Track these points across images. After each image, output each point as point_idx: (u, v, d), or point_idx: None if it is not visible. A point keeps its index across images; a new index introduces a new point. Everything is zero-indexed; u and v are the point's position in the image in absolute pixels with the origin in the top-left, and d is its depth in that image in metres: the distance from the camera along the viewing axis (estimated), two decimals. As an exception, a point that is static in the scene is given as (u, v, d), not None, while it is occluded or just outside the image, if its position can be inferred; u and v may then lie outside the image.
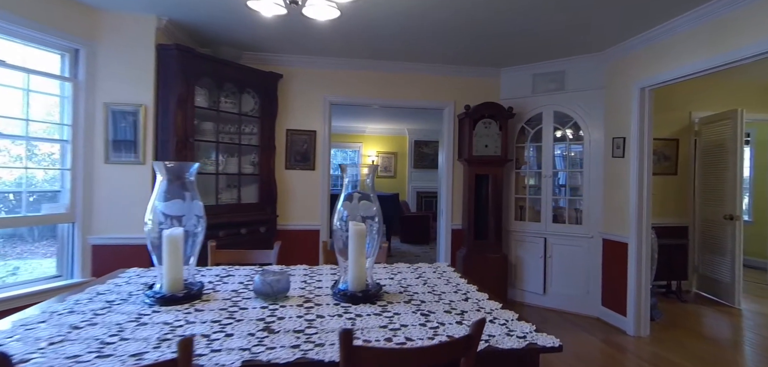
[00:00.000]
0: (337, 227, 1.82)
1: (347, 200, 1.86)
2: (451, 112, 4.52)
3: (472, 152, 4.19)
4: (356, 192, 1.91)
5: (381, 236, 1.92)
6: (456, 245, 4.53)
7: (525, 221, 4.40)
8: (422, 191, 10.14)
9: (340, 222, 1.83)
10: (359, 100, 4.37)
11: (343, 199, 1.86)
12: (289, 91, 4.23)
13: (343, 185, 1.87)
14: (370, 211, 1.92)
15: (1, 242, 3.17)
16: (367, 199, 1.91)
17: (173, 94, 3.19)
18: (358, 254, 1.80)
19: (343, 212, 1.83)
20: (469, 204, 4.26)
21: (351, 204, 1.88)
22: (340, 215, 1.82)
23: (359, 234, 1.80)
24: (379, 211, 1.92)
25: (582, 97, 4.01)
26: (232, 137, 3.86)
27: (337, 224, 1.82)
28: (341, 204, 1.84)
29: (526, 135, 4.43)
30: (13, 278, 3.14)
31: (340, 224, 1.82)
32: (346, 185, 1.87)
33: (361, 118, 8.68)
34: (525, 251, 4.38)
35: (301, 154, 4.25)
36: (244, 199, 3.98)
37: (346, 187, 1.87)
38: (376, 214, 1.91)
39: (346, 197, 1.87)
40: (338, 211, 1.83)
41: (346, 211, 1.84)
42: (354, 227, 1.79)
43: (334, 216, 1.84)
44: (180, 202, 1.85)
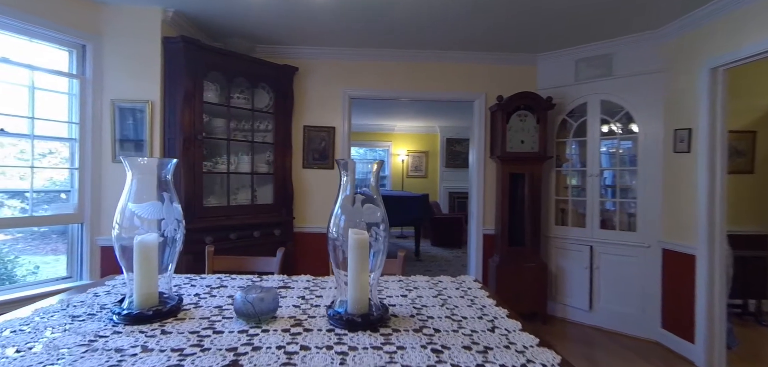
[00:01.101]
0: (332, 235, 1.51)
1: (346, 203, 1.55)
2: (482, 104, 4.10)
3: (505, 149, 3.76)
4: (359, 193, 1.59)
5: (387, 246, 1.59)
6: (488, 251, 4.10)
7: (567, 226, 3.91)
8: (455, 192, 9.68)
9: (337, 229, 1.51)
10: (381, 93, 4.06)
11: (341, 201, 1.54)
12: (306, 86, 3.99)
13: (340, 185, 1.56)
14: (374, 216, 1.60)
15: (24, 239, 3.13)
16: (371, 202, 1.60)
17: (180, 90, 3.02)
18: (358, 269, 1.48)
19: (340, 216, 1.52)
20: (503, 207, 3.82)
21: (352, 208, 1.57)
22: (336, 219, 1.51)
23: (360, 245, 1.48)
24: (384, 216, 1.60)
25: (634, 83, 3.47)
26: (246, 135, 3.67)
27: (333, 231, 1.50)
28: (339, 206, 1.53)
29: (568, 129, 3.94)
30: (33, 278, 3.10)
31: (336, 232, 1.51)
32: (344, 185, 1.56)
33: (389, 115, 8.37)
34: (567, 260, 3.88)
35: (319, 152, 3.99)
36: (258, 200, 3.78)
37: (344, 187, 1.55)
38: (381, 220, 1.59)
39: (345, 199, 1.55)
40: (334, 215, 1.52)
41: (345, 215, 1.53)
42: (354, 236, 1.47)
43: (330, 221, 1.53)
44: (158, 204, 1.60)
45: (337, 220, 1.51)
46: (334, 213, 1.52)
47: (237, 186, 3.74)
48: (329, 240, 1.50)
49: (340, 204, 1.53)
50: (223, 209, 3.34)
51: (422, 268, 6.07)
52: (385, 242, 1.58)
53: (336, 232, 1.50)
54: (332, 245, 1.50)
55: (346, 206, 1.56)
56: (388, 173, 9.97)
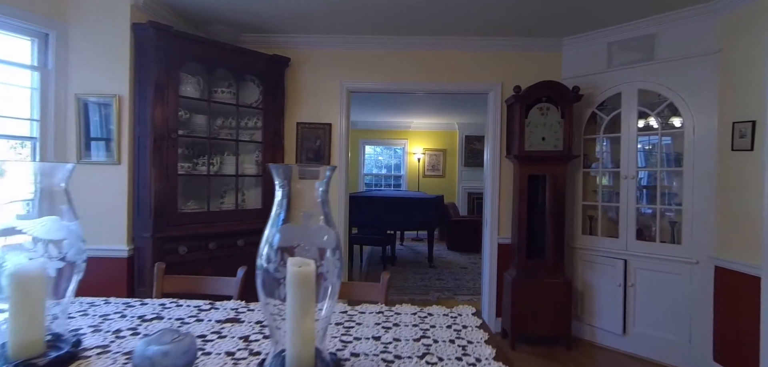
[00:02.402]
0: (262, 267, 1.11)
1: (285, 222, 1.16)
2: (498, 96, 3.61)
3: (523, 147, 3.26)
4: (305, 212, 1.20)
5: (340, 278, 1.20)
6: (503, 263, 3.62)
7: (596, 236, 3.37)
8: (474, 193, 9.15)
9: (270, 258, 1.12)
10: (383, 85, 3.64)
11: (278, 219, 1.15)
12: (299, 78, 3.62)
13: (276, 201, 1.16)
14: (324, 238, 1.20)
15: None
16: (321, 218, 1.21)
17: (150, 82, 2.70)
18: (300, 313, 1.08)
19: (275, 238, 1.13)
20: (520, 213, 3.33)
21: (292, 228, 1.17)
22: (268, 242, 1.12)
23: (302, 280, 1.08)
24: (338, 240, 1.20)
25: (681, 68, 2.91)
26: (231, 133, 3.33)
27: (264, 261, 1.11)
28: (275, 225, 1.14)
29: (598, 123, 3.40)
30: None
31: (268, 259, 1.12)
32: (280, 201, 1.16)
33: (403, 112, 7.94)
34: (597, 276, 3.35)
35: (314, 152, 3.62)
36: (246, 204, 3.45)
37: (281, 202, 1.16)
38: (334, 244, 1.19)
39: (284, 217, 1.16)
40: (266, 238, 1.13)
41: (282, 238, 1.13)
42: (294, 269, 1.08)
43: (261, 246, 1.14)
44: (56, 220, 1.26)
45: (268, 242, 1.12)
46: (264, 236, 1.13)
47: (224, 189, 3.42)
48: (258, 271, 1.11)
49: (272, 222, 1.13)
50: (201, 215, 3.02)
51: (434, 276, 5.61)
52: (338, 275, 1.18)
53: (268, 260, 1.11)
54: (262, 278, 1.10)
55: (287, 227, 1.17)
56: (404, 173, 9.54)
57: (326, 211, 1.18)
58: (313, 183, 1.19)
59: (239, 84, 3.28)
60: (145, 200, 2.73)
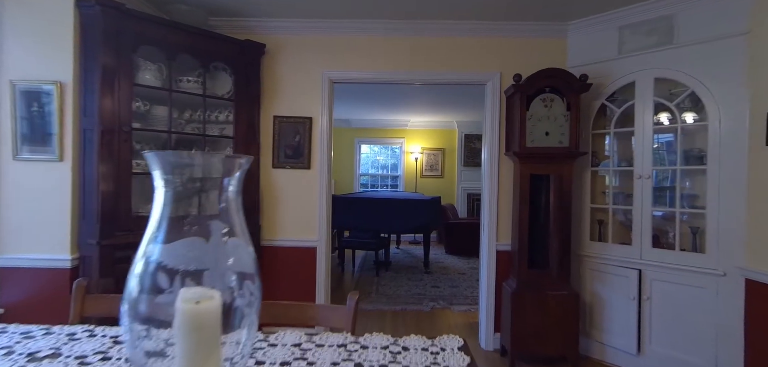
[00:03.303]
0: (131, 295, 0.77)
1: (170, 232, 0.81)
2: (496, 87, 3.26)
3: (524, 143, 2.91)
4: (207, 217, 0.87)
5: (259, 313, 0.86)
6: (502, 273, 3.26)
7: (606, 243, 3.01)
8: (474, 193, 8.79)
9: (145, 287, 0.78)
10: (369, 75, 3.29)
11: (161, 228, 0.81)
12: (276, 67, 3.28)
13: (158, 204, 0.81)
14: (243, 260, 0.87)
15: None
16: (231, 231, 0.87)
17: (97, 67, 2.37)
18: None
19: (154, 257, 0.78)
20: (521, 216, 2.98)
21: (190, 246, 0.84)
22: (145, 264, 0.78)
23: (196, 324, 0.74)
24: (256, 263, 0.86)
25: (704, 52, 2.55)
26: (199, 127, 3.00)
27: (134, 292, 0.77)
28: (154, 240, 0.80)
29: (609, 117, 3.05)
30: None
31: (141, 291, 0.77)
32: (169, 199, 0.81)
33: (400, 109, 7.59)
34: (607, 287, 2.99)
35: (293, 148, 3.28)
36: (215, 206, 3.10)
37: (168, 202, 0.81)
38: (253, 269, 0.86)
39: (169, 226, 0.81)
40: (143, 254, 0.79)
41: (169, 259, 0.79)
42: (189, 309, 0.74)
43: (133, 266, 0.79)
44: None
45: (145, 264, 0.78)
46: (137, 255, 0.78)
47: (193, 189, 3.07)
48: (125, 308, 0.77)
49: (153, 233, 0.79)
50: (161, 218, 2.67)
51: (430, 283, 5.26)
52: (257, 309, 0.85)
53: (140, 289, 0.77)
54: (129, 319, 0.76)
55: (182, 244, 0.83)
56: (401, 173, 9.19)
57: (236, 220, 0.84)
58: (218, 180, 0.85)
59: (208, 73, 2.95)
60: (91, 202, 2.39)
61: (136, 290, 0.75)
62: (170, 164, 0.79)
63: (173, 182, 0.79)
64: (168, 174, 0.79)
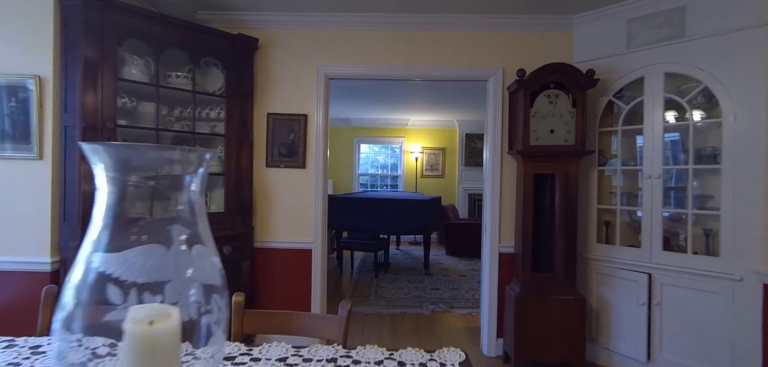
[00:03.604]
0: (69, 311, 0.64)
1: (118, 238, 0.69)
2: (499, 83, 3.14)
3: (528, 141, 2.79)
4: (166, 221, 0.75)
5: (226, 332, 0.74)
6: (505, 276, 3.14)
7: (614, 245, 2.89)
8: (475, 193, 8.67)
9: (84, 299, 0.66)
10: (366, 71, 3.17)
11: (106, 233, 0.68)
12: (270, 63, 3.16)
13: (101, 207, 0.69)
14: (209, 271, 0.75)
15: None
16: (194, 236, 0.75)
17: (79, 61, 2.25)
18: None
19: (96, 267, 0.66)
20: (525, 218, 2.85)
21: (141, 254, 0.72)
22: (84, 274, 0.66)
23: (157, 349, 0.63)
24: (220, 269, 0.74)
25: (718, 46, 2.42)
26: (187, 124, 2.88)
27: (70, 309, 0.64)
28: (97, 247, 0.67)
29: (616, 114, 2.92)
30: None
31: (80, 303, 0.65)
32: (116, 200, 0.69)
33: (400, 108, 7.47)
34: (615, 291, 2.87)
35: (287, 147, 3.15)
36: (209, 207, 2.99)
37: (115, 203, 0.69)
38: (221, 281, 0.74)
39: (117, 230, 0.69)
40: (83, 261, 0.66)
41: (117, 266, 0.68)
42: (140, 332, 0.63)
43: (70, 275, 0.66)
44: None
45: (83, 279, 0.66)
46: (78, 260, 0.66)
47: (183, 189, 2.96)
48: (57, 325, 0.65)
49: (94, 244, 0.67)
50: (148, 220, 2.55)
51: (430, 285, 5.13)
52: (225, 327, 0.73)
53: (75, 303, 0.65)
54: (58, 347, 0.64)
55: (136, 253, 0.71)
56: (401, 173, 9.06)
57: (200, 224, 0.72)
58: (179, 178, 0.73)
59: (198, 68, 2.83)
60: (73, 203, 2.27)
61: (71, 304, 0.63)
62: (118, 159, 0.67)
63: (121, 180, 0.67)
64: (115, 171, 0.67)
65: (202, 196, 0.74)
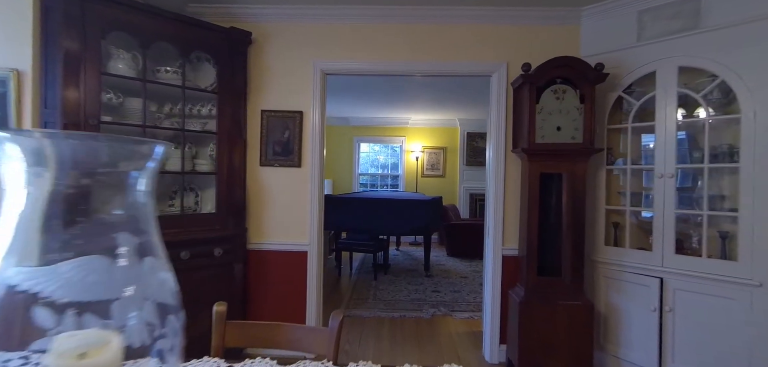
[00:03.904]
0: None
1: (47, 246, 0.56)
2: (503, 78, 3.01)
3: (534, 138, 2.66)
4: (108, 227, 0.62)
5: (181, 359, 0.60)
6: (509, 280, 3.01)
7: (623, 248, 2.76)
8: (476, 193, 8.54)
9: None
10: (364, 66, 3.05)
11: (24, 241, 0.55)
12: (264, 58, 3.03)
13: (19, 201, 0.56)
14: (159, 286, 0.62)
15: None
16: (145, 245, 0.62)
17: (59, 54, 2.13)
18: None
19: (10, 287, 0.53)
20: (530, 219, 2.73)
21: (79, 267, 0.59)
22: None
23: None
24: (173, 285, 0.61)
25: (736, 37, 2.29)
26: (178, 121, 2.76)
27: None
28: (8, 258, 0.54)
29: (626, 110, 2.79)
30: None
31: None
32: (37, 200, 0.56)
33: (401, 107, 7.34)
34: (624, 296, 2.74)
35: (282, 145, 3.03)
36: (201, 207, 2.88)
37: (34, 203, 0.56)
38: (176, 299, 0.61)
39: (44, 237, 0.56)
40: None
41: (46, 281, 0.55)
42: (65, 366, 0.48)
43: None
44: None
45: None
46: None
47: (174, 189, 2.86)
48: None
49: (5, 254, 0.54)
50: (134, 221, 2.43)
51: (431, 287, 5.01)
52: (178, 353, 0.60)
53: None
54: None
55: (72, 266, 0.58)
56: (401, 172, 8.94)
57: (151, 230, 0.60)
58: (123, 175, 0.60)
59: (189, 63, 2.71)
60: (53, 204, 2.15)
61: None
62: (37, 150, 0.54)
63: (42, 176, 0.54)
64: (39, 165, 0.55)
65: (152, 197, 0.62)
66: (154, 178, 0.61)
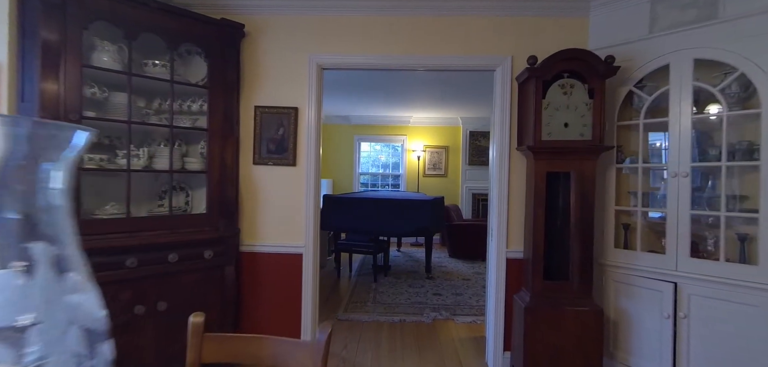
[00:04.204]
0: None
1: None
2: (507, 72, 2.87)
3: (540, 136, 2.52)
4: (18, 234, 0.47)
5: None
6: (514, 283, 2.88)
7: (634, 250, 2.62)
8: (479, 193, 8.40)
9: None
10: (362, 60, 2.92)
11: None
12: (258, 51, 2.91)
13: None
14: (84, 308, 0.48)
15: None
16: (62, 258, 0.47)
17: (37, 45, 2.01)
18: None
19: None
20: (536, 220, 2.59)
21: None
22: None
23: None
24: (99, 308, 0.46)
25: (757, 26, 2.15)
26: (165, 117, 2.64)
27: None
28: None
29: (637, 105, 2.65)
30: None
31: None
32: None
33: (402, 105, 7.22)
34: (635, 302, 2.60)
35: (276, 142, 2.91)
36: (192, 207, 2.77)
37: None
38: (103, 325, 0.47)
39: None
40: None
41: None
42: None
43: None
44: None
45: None
46: None
47: (164, 188, 2.74)
48: None
49: None
50: (118, 222, 2.31)
51: (432, 289, 4.88)
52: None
53: None
54: None
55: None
56: (402, 172, 8.81)
57: (67, 240, 0.47)
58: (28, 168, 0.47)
59: (179, 56, 2.59)
60: (31, 204, 2.04)
61: None
62: None
63: None
64: None
65: (67, 197, 0.49)
66: (71, 171, 0.49)
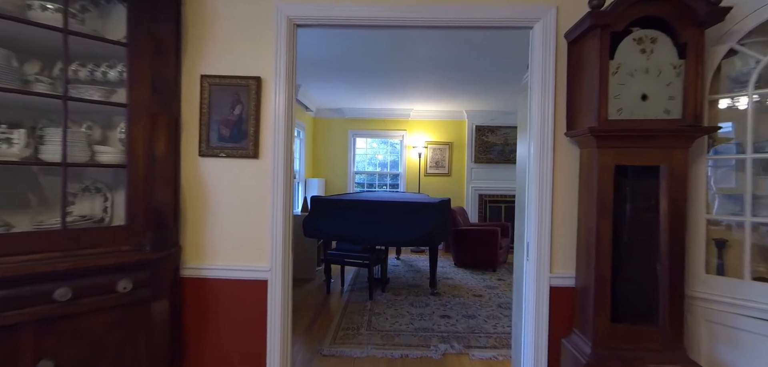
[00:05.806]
0: None
1: None
2: (551, 28, 2.07)
3: (606, 113, 1.73)
4: None
5: None
6: (560, 323, 2.08)
7: (738, 279, 1.83)
8: (487, 194, 7.62)
9: None
10: (352, 12, 2.11)
11: None
12: (204, 1, 2.10)
13: None
14: None
15: None
16: None
17: None
18: None
19: None
20: (600, 235, 1.79)
21: None
22: None
23: None
24: None
25: None
26: (73, 89, 1.83)
27: None
28: None
29: (738, 75, 1.86)
30: None
31: None
32: None
33: (402, 96, 6.42)
34: (741, 353, 1.81)
35: (231, 124, 2.10)
36: (113, 218, 1.96)
37: None
38: None
39: None
40: None
41: None
42: None
43: None
44: None
45: None
46: None
47: (71, 190, 1.93)
48: None
49: None
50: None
51: (438, 310, 4.08)
52: None
53: None
54: None
55: None
56: (402, 171, 8.01)
57: None
58: None
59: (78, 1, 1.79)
60: None
61: None
62: None
63: None
64: None
65: None
66: None
